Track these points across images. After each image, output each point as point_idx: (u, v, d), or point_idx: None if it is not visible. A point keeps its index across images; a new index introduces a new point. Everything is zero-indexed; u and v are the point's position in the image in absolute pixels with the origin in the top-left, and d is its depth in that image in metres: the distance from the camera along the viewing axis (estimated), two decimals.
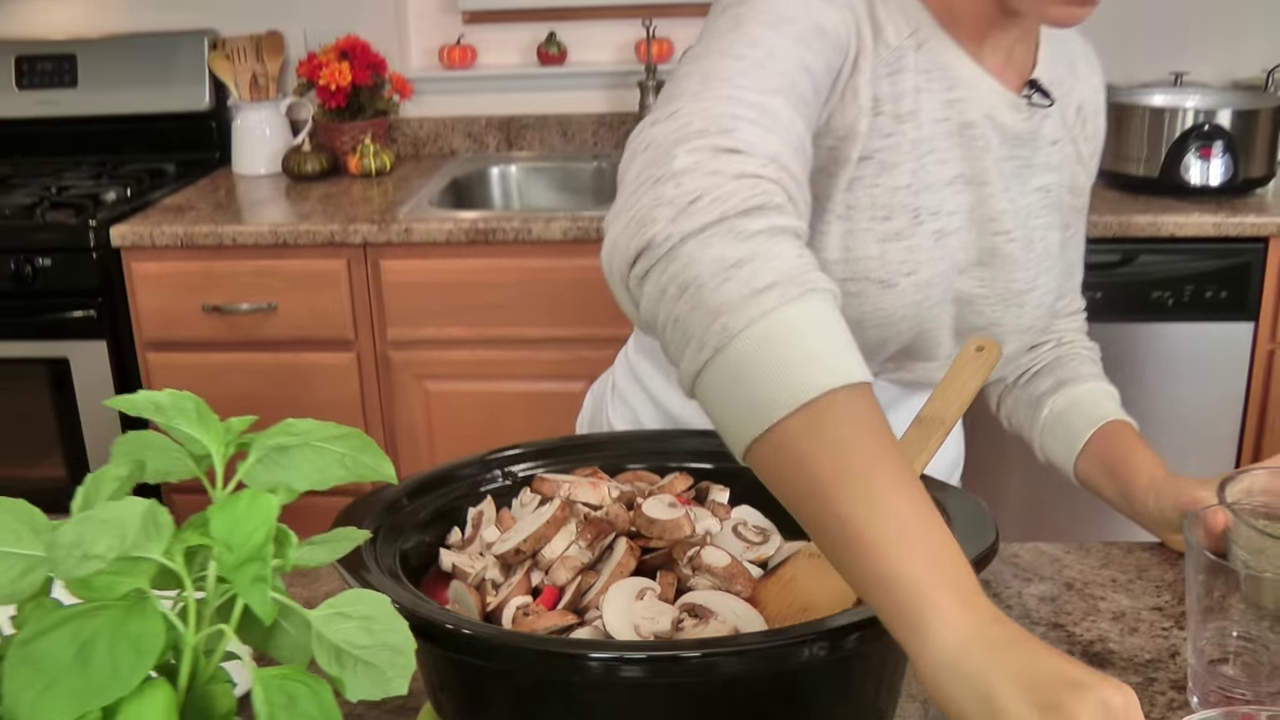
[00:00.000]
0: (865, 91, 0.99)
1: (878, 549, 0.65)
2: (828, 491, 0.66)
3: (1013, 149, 1.08)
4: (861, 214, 1.01)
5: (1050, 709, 0.60)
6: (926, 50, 1.03)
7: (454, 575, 0.81)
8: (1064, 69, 1.14)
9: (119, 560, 0.53)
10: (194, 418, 0.61)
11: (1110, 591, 1.02)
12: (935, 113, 1.02)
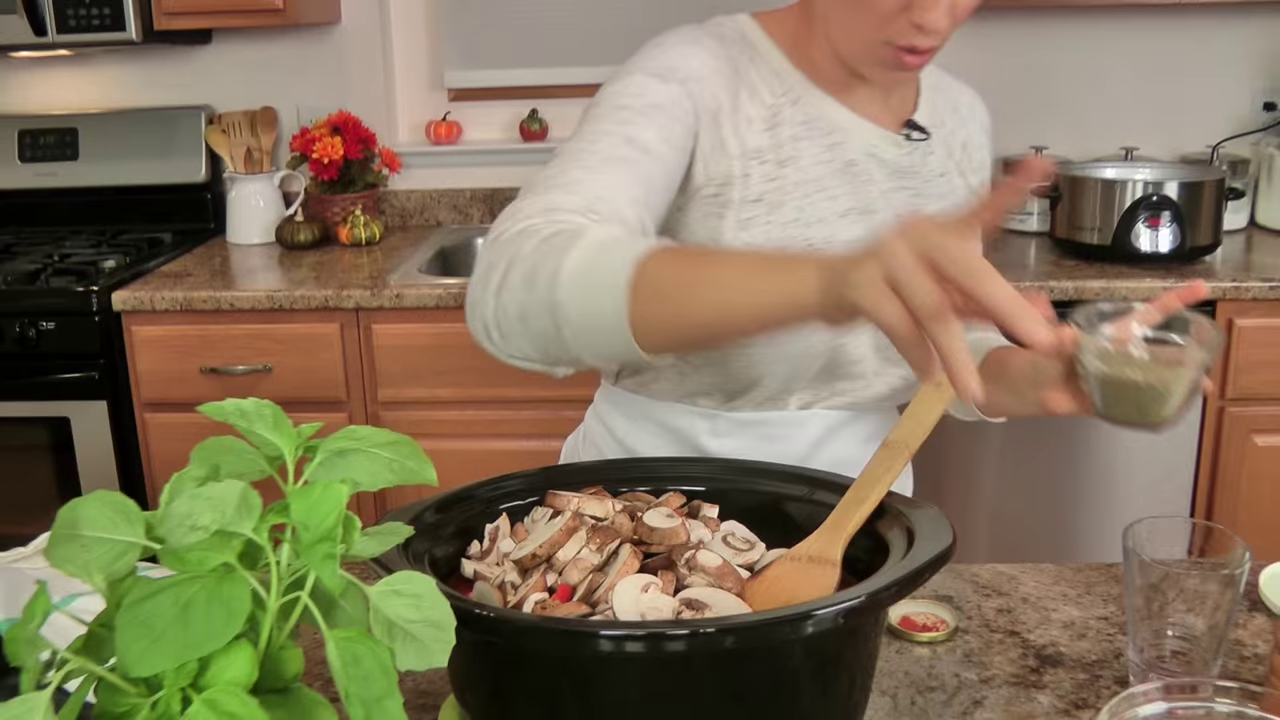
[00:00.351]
0: (733, 144, 1.16)
1: (748, 281, 0.87)
2: (705, 287, 0.87)
3: (899, 181, 1.23)
4: (758, 248, 1.15)
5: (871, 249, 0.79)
6: (802, 105, 1.20)
7: (475, 581, 0.91)
8: (947, 112, 1.30)
9: (214, 535, 0.63)
10: (271, 424, 0.71)
11: (1061, 604, 1.13)
12: (817, 156, 1.18)
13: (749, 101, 1.18)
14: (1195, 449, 2.55)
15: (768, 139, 1.18)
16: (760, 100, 1.18)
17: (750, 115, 1.17)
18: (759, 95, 1.19)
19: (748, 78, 1.19)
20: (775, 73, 1.20)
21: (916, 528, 0.89)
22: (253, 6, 2.74)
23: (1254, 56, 3.03)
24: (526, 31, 3.10)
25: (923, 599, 1.13)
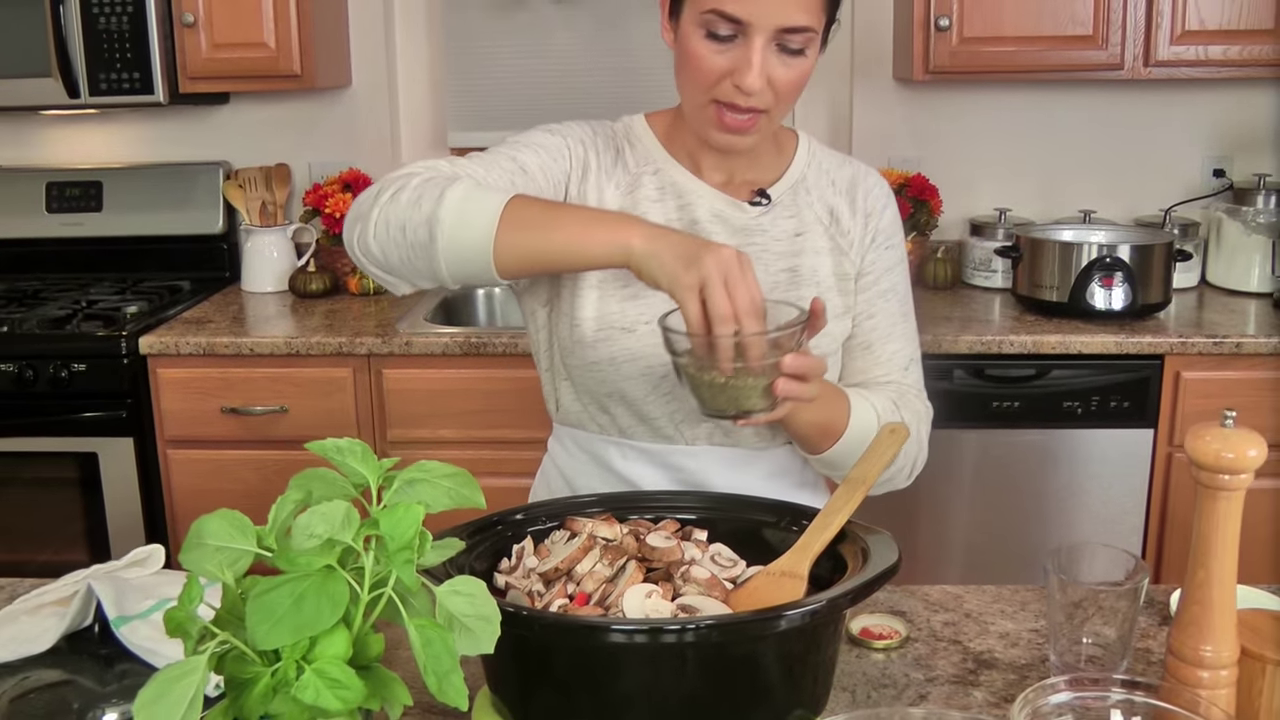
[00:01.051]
0: (592, 198, 1.45)
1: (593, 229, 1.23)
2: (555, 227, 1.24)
3: (743, 238, 1.46)
4: (608, 284, 1.41)
5: (691, 262, 1.16)
6: (661, 175, 1.48)
7: (506, 590, 1.10)
8: (822, 184, 1.51)
9: (324, 543, 0.82)
10: (360, 458, 0.90)
11: (999, 619, 1.32)
12: (667, 215, 1.44)
13: (619, 170, 1.47)
14: (1146, 491, 2.75)
15: (628, 199, 1.46)
16: (626, 169, 1.48)
17: (618, 180, 1.46)
18: (626, 165, 1.48)
19: (622, 155, 1.48)
20: (645, 151, 1.49)
21: (870, 549, 1.08)
22: (273, 72, 2.95)
23: (1204, 127, 3.26)
24: (523, 95, 3.31)
25: (880, 612, 1.32)
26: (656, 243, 1.20)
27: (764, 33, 1.29)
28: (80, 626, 1.19)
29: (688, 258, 1.16)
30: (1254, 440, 1.08)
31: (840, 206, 1.51)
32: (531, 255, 1.25)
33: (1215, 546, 1.09)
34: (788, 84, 1.33)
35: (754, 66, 1.29)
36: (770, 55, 1.31)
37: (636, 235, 1.21)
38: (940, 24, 2.84)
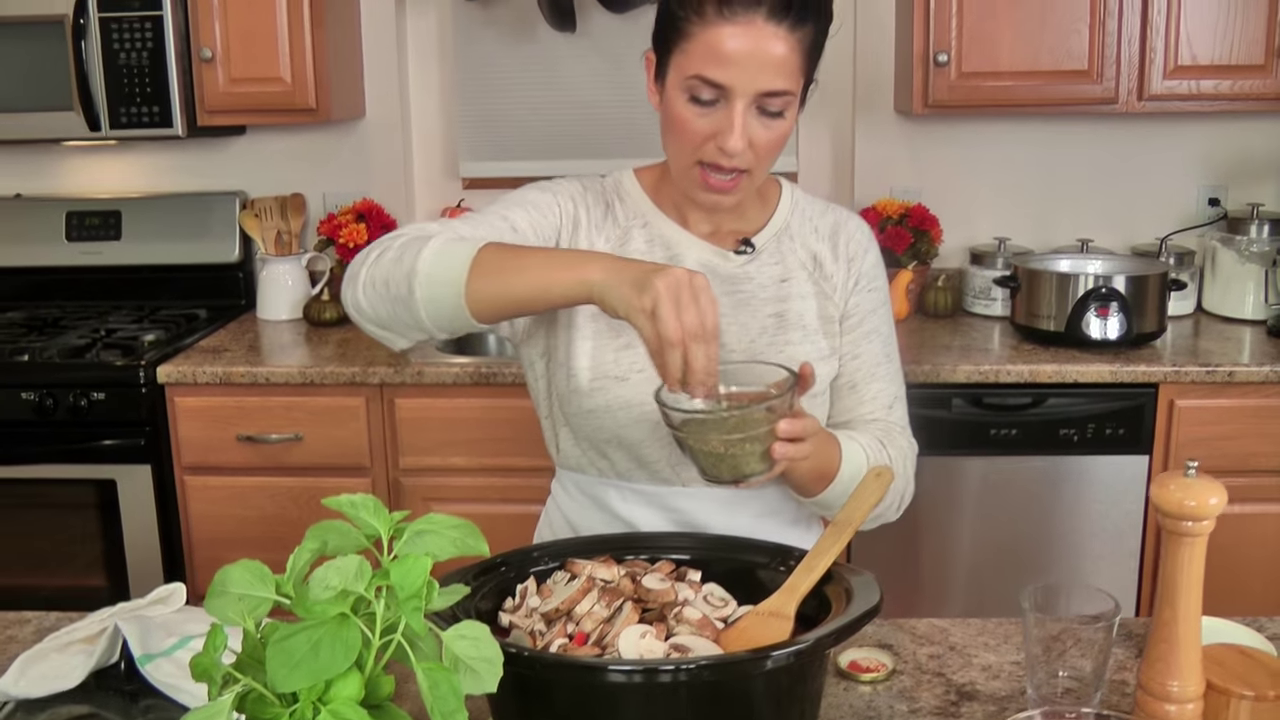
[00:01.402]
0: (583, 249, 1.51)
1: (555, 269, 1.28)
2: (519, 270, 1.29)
3: (730, 285, 1.52)
4: (603, 334, 1.48)
5: (642, 286, 1.20)
6: (650, 228, 1.55)
7: (510, 629, 1.16)
8: (805, 231, 1.57)
9: (338, 593, 0.89)
10: (372, 511, 0.96)
11: (982, 651, 1.38)
12: None
13: (608, 223, 1.54)
14: (1143, 516, 2.80)
15: (617, 252, 1.52)
16: (616, 222, 1.55)
17: (608, 234, 1.54)
18: (616, 219, 1.55)
19: (612, 209, 1.56)
20: (634, 205, 1.56)
21: (854, 590, 1.14)
22: (289, 106, 3.03)
23: (1199, 157, 3.32)
24: (534, 127, 3.39)
25: (868, 646, 1.38)
26: (613, 273, 1.24)
27: (745, 97, 1.36)
28: (107, 664, 1.25)
29: (640, 283, 1.20)
30: (1215, 489, 1.13)
31: (823, 252, 1.58)
32: (501, 298, 1.31)
33: (1180, 588, 1.15)
34: (768, 145, 1.40)
35: (735, 130, 1.36)
36: (751, 118, 1.37)
37: (596, 269, 1.26)
38: (939, 59, 2.91)
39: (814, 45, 1.40)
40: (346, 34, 3.22)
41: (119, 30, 2.93)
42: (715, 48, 1.35)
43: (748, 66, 1.35)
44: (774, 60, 1.35)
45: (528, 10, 3.27)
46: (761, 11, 1.34)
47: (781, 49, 1.35)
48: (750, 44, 1.34)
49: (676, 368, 1.19)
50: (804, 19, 1.37)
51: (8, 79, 2.99)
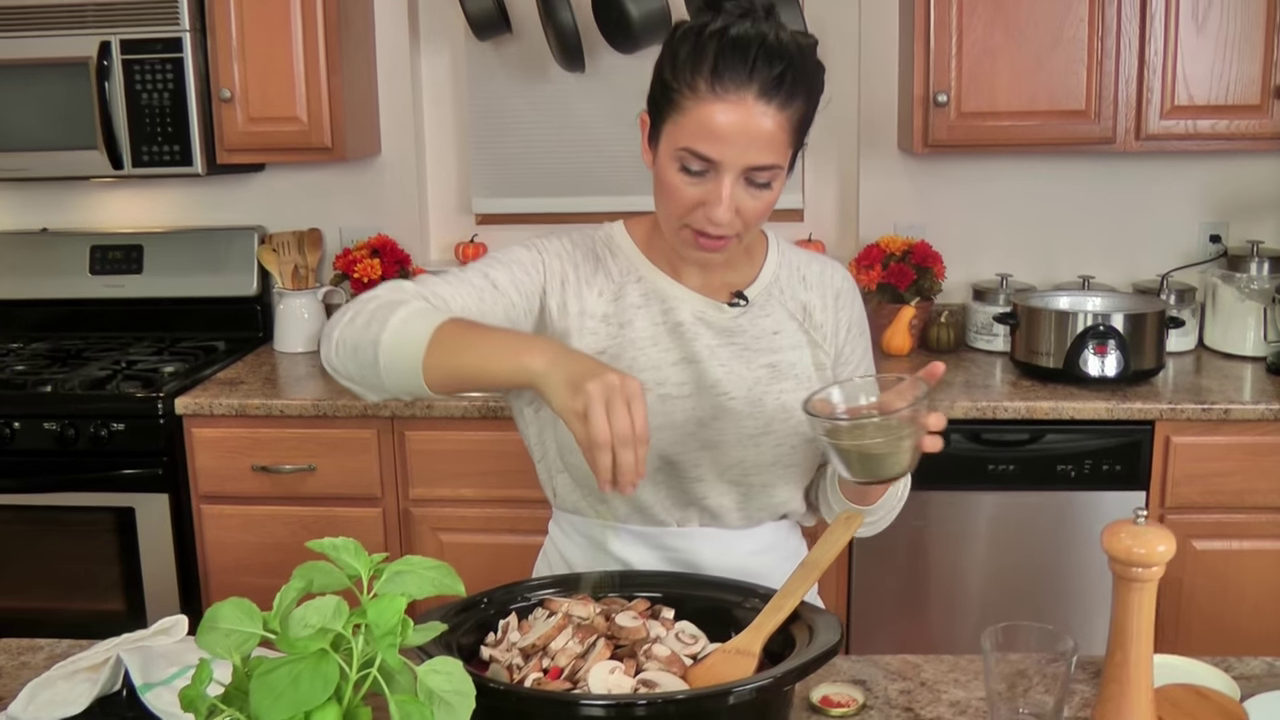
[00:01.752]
0: (573, 307, 1.56)
1: (502, 354, 1.30)
2: (470, 351, 1.32)
3: (725, 338, 1.58)
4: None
5: (576, 388, 1.21)
6: (644, 282, 1.59)
7: (490, 662, 1.23)
8: (793, 282, 1.63)
9: (317, 630, 0.95)
10: (353, 553, 1.03)
11: (952, 688, 1.43)
12: (652, 319, 1.56)
13: (599, 277, 1.58)
14: None
15: (613, 306, 1.57)
16: (610, 279, 1.59)
17: (601, 289, 1.57)
18: (610, 275, 1.59)
19: (604, 263, 1.60)
20: (627, 259, 1.60)
21: (816, 630, 1.20)
22: (305, 145, 3.12)
23: (1200, 194, 3.36)
24: (546, 164, 3.47)
25: (841, 681, 1.43)
26: (553, 368, 1.26)
27: (733, 171, 1.40)
28: (110, 692, 1.32)
29: (574, 384, 1.22)
30: (1163, 537, 1.19)
31: (812, 302, 1.64)
32: (453, 375, 1.34)
33: (1132, 631, 1.20)
34: (755, 213, 1.45)
35: (723, 201, 1.41)
36: (739, 189, 1.42)
37: (538, 360, 1.27)
38: (939, 100, 2.97)
39: (802, 121, 1.45)
40: (362, 74, 3.31)
41: (141, 72, 3.02)
42: (706, 123, 1.39)
43: (737, 142, 1.39)
44: (763, 136, 1.39)
45: (539, 51, 3.36)
46: (753, 90, 1.38)
47: (770, 126, 1.39)
48: (740, 121, 1.38)
49: (605, 468, 1.21)
50: (794, 97, 1.41)
51: (35, 118, 3.09)
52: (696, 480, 1.56)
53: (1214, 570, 2.81)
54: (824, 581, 2.89)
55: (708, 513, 1.58)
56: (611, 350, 1.55)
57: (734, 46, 1.38)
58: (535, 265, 1.57)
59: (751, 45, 1.38)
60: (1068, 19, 2.93)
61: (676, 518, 1.59)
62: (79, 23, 3.02)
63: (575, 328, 1.55)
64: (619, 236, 1.63)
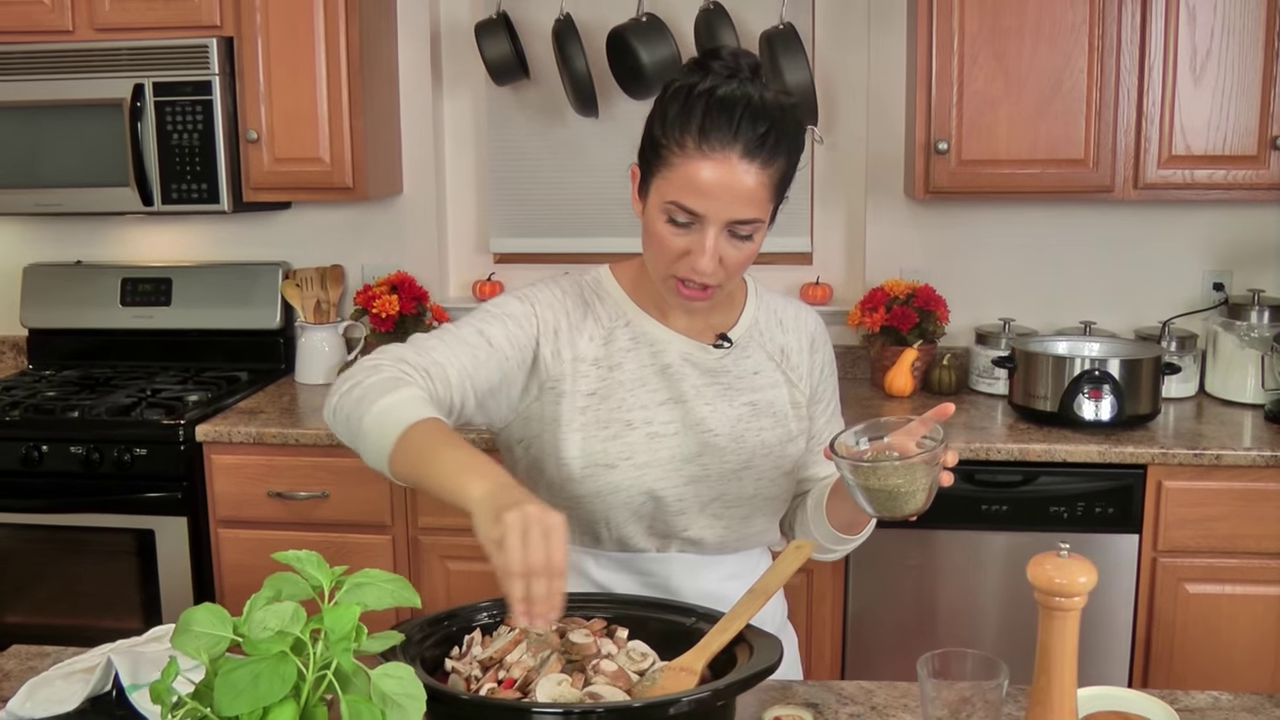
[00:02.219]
0: (566, 353, 1.64)
1: (448, 473, 1.34)
2: (426, 462, 1.37)
3: (711, 378, 1.66)
4: (591, 426, 1.61)
5: (497, 518, 1.22)
6: (633, 326, 1.66)
7: (451, 674, 1.31)
8: (770, 325, 1.72)
9: (276, 634, 1.04)
10: (316, 565, 1.12)
11: (901, 712, 1.50)
12: (641, 361, 1.64)
13: (589, 322, 1.66)
14: (1134, 593, 2.88)
15: (603, 350, 1.65)
16: (600, 323, 1.66)
17: (591, 334, 1.65)
18: (600, 320, 1.67)
19: (593, 308, 1.67)
20: (616, 304, 1.68)
21: (758, 651, 1.28)
22: (327, 185, 3.24)
23: (1203, 242, 3.42)
24: (561, 205, 3.58)
25: (794, 704, 1.50)
26: (486, 499, 1.28)
27: (717, 224, 1.49)
28: (101, 692, 1.42)
29: (497, 515, 1.23)
30: (1085, 569, 1.25)
31: (789, 344, 1.73)
32: (410, 477, 1.42)
33: (1054, 657, 1.26)
34: (737, 262, 1.54)
35: (707, 253, 1.50)
36: (722, 240, 1.51)
37: (477, 488, 1.30)
38: (939, 147, 3.05)
39: (783, 178, 1.54)
40: (386, 117, 3.43)
41: (172, 113, 3.16)
42: (692, 179, 1.48)
43: (721, 197, 1.48)
44: (745, 193, 1.49)
45: (555, 96, 3.47)
46: (737, 149, 1.47)
47: (752, 183, 1.48)
48: (724, 178, 1.48)
49: (518, 599, 1.20)
50: (776, 156, 1.50)
51: (71, 156, 3.23)
52: (679, 514, 1.64)
53: (1206, 613, 2.85)
54: (819, 618, 2.96)
55: (688, 542, 1.66)
56: (602, 391, 1.63)
57: (720, 107, 1.47)
58: (528, 318, 1.64)
59: (737, 106, 1.47)
60: (1067, 70, 3.01)
61: (657, 545, 1.67)
62: (114, 66, 3.16)
63: (569, 373, 1.63)
64: (606, 281, 1.71)
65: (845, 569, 2.94)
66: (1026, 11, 3.00)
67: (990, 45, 3.02)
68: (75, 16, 3.22)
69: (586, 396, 1.63)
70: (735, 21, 3.23)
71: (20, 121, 3.23)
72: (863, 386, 3.43)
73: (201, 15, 3.19)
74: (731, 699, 1.21)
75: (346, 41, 3.17)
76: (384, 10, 3.40)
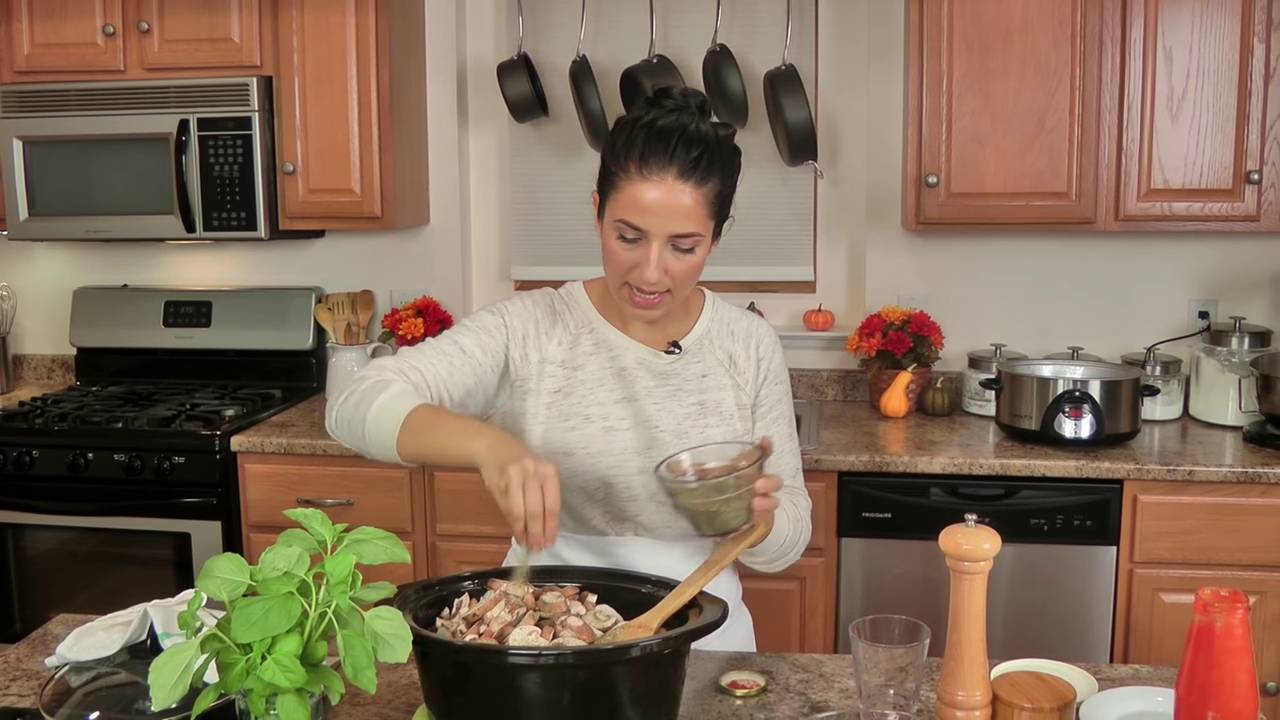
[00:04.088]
0: (534, 356, 1.85)
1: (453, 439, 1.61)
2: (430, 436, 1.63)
3: (660, 380, 1.86)
4: (553, 419, 1.81)
5: (502, 470, 1.50)
6: (595, 333, 1.87)
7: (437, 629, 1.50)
8: (722, 335, 1.91)
9: (283, 575, 1.24)
10: (320, 523, 1.32)
11: (846, 679, 1.67)
12: (601, 364, 1.84)
13: (558, 329, 1.88)
14: (1111, 602, 3.03)
15: (569, 353, 1.87)
16: (568, 330, 1.88)
17: (560, 339, 1.87)
18: (567, 327, 1.88)
19: (563, 317, 1.89)
20: (583, 314, 1.90)
21: (705, 612, 1.46)
22: (358, 214, 3.47)
23: (1189, 272, 3.58)
24: (578, 235, 3.78)
25: (749, 670, 1.68)
26: (490, 453, 1.55)
27: (659, 238, 1.69)
28: (137, 640, 1.63)
29: (500, 466, 1.51)
30: (988, 537, 1.43)
31: (738, 352, 1.92)
32: (419, 453, 1.67)
33: (963, 615, 1.44)
34: (682, 273, 1.74)
35: (651, 264, 1.70)
36: (667, 253, 1.71)
37: (480, 444, 1.57)
38: (929, 181, 3.24)
39: (719, 196, 1.73)
40: (415, 151, 3.66)
41: (215, 146, 3.40)
42: (636, 199, 1.69)
43: (660, 214, 1.68)
44: (682, 210, 1.68)
45: (572, 133, 3.69)
46: (672, 172, 1.68)
47: (688, 201, 1.68)
48: (663, 197, 1.68)
49: (521, 535, 1.50)
50: (708, 178, 1.70)
51: (120, 186, 3.47)
52: (630, 499, 1.83)
53: (1181, 622, 2.99)
54: (812, 628, 3.12)
55: (641, 526, 1.85)
56: (565, 389, 1.84)
57: (658, 136, 1.68)
58: (499, 327, 1.87)
59: (673, 135, 1.68)
60: (1050, 108, 3.20)
61: (614, 529, 1.86)
62: (162, 103, 3.41)
63: (535, 373, 1.85)
64: (578, 294, 1.92)
65: (836, 580, 3.11)
66: (1012, 53, 3.19)
67: (977, 85, 3.21)
68: (126, 57, 3.48)
69: (551, 394, 1.84)
70: (740, 63, 3.44)
71: (74, 154, 3.48)
72: (861, 408, 3.60)
73: (243, 56, 3.43)
74: (680, 647, 1.40)
75: (377, 81, 3.40)
76: (414, 52, 3.64)
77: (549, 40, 3.70)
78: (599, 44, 3.64)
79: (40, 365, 4.10)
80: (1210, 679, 1.31)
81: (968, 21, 3.20)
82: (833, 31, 3.64)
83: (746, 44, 3.57)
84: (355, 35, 3.39)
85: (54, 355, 4.08)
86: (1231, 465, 2.93)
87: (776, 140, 3.48)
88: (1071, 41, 3.16)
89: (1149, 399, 3.24)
